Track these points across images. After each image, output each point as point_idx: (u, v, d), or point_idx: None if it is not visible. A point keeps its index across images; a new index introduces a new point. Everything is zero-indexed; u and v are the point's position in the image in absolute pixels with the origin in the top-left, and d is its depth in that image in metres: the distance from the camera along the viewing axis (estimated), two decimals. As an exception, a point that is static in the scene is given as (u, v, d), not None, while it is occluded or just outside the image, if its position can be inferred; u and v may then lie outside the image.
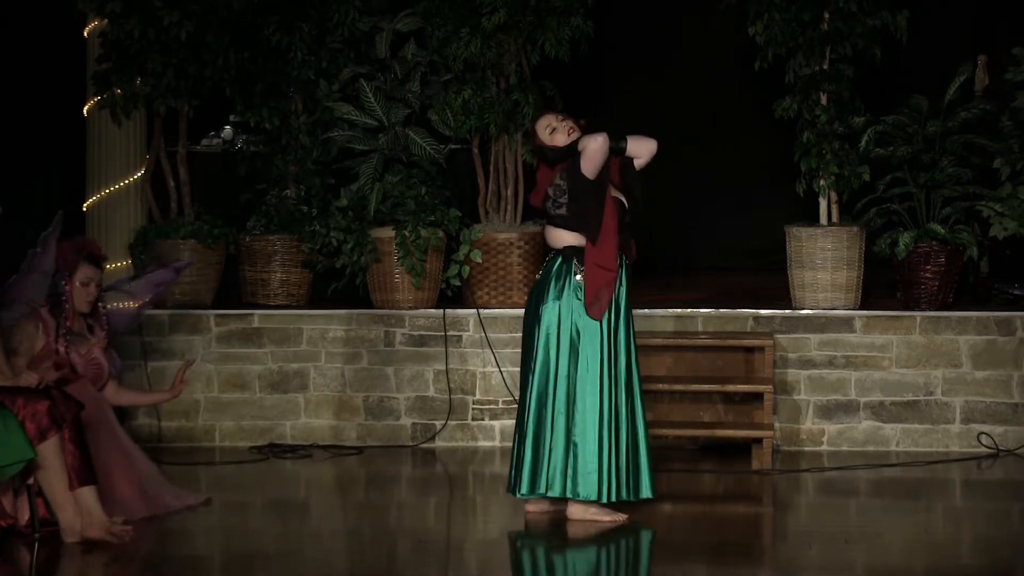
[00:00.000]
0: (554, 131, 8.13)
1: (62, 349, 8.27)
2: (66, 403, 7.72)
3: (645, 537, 7.98)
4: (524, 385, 8.14)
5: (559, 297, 8.07)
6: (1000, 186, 10.11)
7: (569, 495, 8.06)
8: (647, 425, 8.19)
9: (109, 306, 8.73)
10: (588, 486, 8.03)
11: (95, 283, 8.38)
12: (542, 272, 8.14)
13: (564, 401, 8.04)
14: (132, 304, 8.99)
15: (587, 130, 8.09)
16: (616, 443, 8.04)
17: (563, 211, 8.06)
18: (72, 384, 8.20)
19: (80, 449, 7.77)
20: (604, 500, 8.05)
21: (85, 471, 7.77)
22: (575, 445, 8.03)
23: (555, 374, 8.05)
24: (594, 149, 7.99)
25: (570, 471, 8.03)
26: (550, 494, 8.09)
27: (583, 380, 8.03)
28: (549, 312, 8.05)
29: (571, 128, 8.10)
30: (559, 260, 8.09)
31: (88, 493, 7.75)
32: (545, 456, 8.06)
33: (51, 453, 7.63)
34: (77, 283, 8.31)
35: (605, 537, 7.91)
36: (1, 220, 8.05)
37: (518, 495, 8.14)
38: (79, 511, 7.70)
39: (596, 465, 8.01)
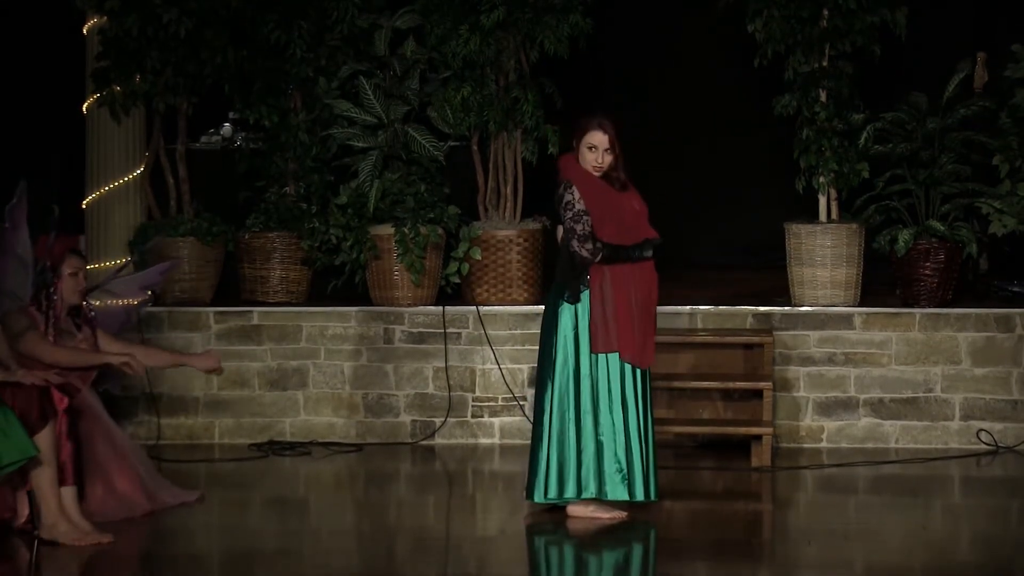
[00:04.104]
0: (592, 150, 7.99)
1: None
2: (60, 394, 7.71)
3: (645, 534, 7.98)
4: (542, 388, 8.07)
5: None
6: (999, 183, 10.11)
7: (601, 496, 8.01)
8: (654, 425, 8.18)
9: (96, 303, 8.71)
10: (615, 486, 8.00)
11: (82, 273, 8.37)
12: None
13: (590, 400, 8.00)
14: (117, 303, 8.97)
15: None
16: (641, 441, 8.00)
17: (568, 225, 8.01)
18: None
19: (74, 444, 7.77)
20: (638, 499, 8.00)
21: (75, 469, 7.76)
22: (601, 444, 8.00)
23: (575, 374, 8.00)
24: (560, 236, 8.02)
25: (598, 471, 8.00)
26: (585, 495, 8.02)
27: (604, 379, 8.00)
28: (566, 313, 8.02)
29: (599, 165, 7.98)
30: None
31: (68, 494, 7.74)
32: (573, 458, 7.99)
33: (43, 446, 7.62)
34: (66, 273, 8.29)
35: (605, 534, 7.91)
36: None
37: (546, 499, 8.05)
38: (62, 509, 7.69)
39: (625, 464, 7.97)
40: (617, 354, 7.98)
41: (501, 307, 10.22)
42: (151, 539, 8.01)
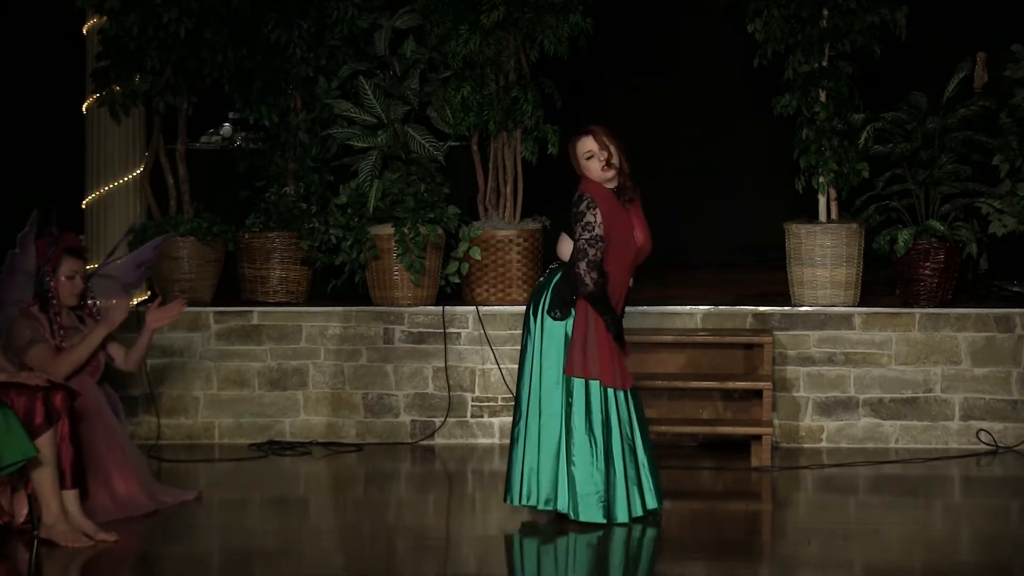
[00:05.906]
0: (591, 158, 7.89)
1: (59, 346, 8.26)
2: (63, 398, 7.71)
3: (644, 534, 7.97)
4: (520, 390, 8.04)
5: None
6: (999, 183, 10.11)
7: (574, 516, 7.90)
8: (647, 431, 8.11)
9: (99, 302, 8.70)
10: (588, 507, 7.89)
11: (79, 275, 8.37)
12: (543, 278, 8.04)
13: (560, 416, 7.91)
14: (118, 296, 8.94)
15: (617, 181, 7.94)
16: (625, 462, 7.93)
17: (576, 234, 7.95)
18: (71, 379, 8.20)
19: (76, 448, 7.77)
20: (619, 520, 7.89)
21: (76, 473, 7.76)
22: (574, 464, 7.92)
23: (551, 382, 7.94)
24: (562, 252, 7.95)
25: (571, 493, 7.90)
26: (560, 509, 7.91)
27: (579, 400, 7.89)
28: (545, 321, 7.98)
29: (604, 165, 7.86)
30: (560, 273, 7.99)
31: (70, 497, 7.74)
32: (546, 468, 7.92)
33: (44, 448, 7.62)
34: (62, 278, 8.28)
35: (604, 534, 7.91)
36: None
37: (521, 504, 8.00)
38: (62, 511, 7.69)
39: (604, 487, 7.87)
40: (597, 381, 7.92)
41: (501, 307, 10.22)
42: (151, 539, 8.01)
